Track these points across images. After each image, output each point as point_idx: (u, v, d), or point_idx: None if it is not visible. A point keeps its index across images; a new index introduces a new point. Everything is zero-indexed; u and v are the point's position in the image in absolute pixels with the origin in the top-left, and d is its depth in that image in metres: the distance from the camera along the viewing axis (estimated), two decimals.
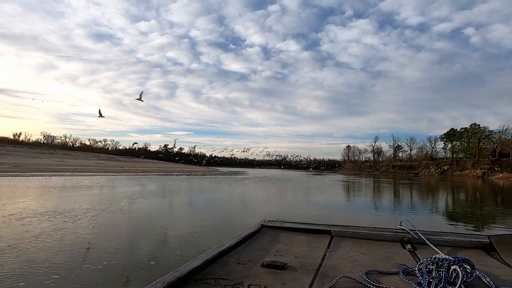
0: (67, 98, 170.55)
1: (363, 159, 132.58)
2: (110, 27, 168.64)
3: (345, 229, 2.07)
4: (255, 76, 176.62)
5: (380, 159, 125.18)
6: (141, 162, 66.07)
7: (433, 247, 1.63)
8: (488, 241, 1.75)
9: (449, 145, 78.29)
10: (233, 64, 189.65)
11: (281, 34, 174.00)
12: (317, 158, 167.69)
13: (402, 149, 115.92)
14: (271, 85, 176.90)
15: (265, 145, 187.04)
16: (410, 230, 1.91)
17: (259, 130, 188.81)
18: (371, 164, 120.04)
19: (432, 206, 15.62)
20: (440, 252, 1.50)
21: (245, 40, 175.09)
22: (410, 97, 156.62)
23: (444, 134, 77.56)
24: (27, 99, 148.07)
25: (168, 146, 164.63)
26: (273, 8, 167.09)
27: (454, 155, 77.36)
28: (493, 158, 61.91)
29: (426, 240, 1.73)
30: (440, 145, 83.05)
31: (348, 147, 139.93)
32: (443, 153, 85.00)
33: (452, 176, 67.54)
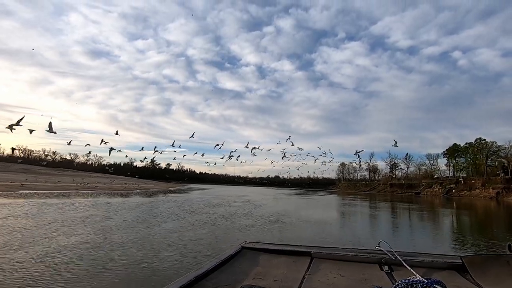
0: (61, 113, 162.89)
1: (358, 177, 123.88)
2: (107, 45, 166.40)
3: (325, 250, 2.04)
4: (250, 94, 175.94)
5: (376, 177, 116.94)
6: (70, 176, 54.77)
7: (409, 268, 1.64)
8: (460, 261, 1.75)
9: (453, 162, 69.81)
10: (228, 82, 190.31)
11: (276, 54, 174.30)
12: (312, 177, 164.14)
13: (399, 167, 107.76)
14: (266, 103, 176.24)
15: (260, 162, 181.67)
16: (388, 251, 1.89)
17: None
18: (367, 182, 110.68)
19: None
20: (415, 274, 1.52)
21: (241, 59, 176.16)
22: (402, 117, 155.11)
23: (446, 150, 69.42)
24: (20, 114, 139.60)
25: (155, 162, 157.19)
26: (268, 29, 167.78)
27: (459, 173, 68.81)
28: (507, 177, 53.17)
29: (402, 262, 1.73)
30: (443, 161, 74.67)
31: (343, 164, 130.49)
32: (445, 171, 76.38)
33: (459, 197, 58.32)
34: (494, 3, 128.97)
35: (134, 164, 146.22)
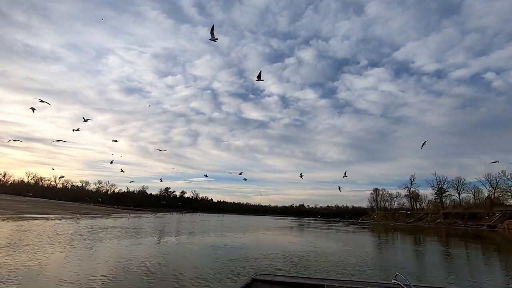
0: (97, 146, 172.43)
1: (396, 206, 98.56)
2: (140, 82, 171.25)
3: (338, 284, 1.90)
4: (274, 123, 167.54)
5: (419, 205, 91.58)
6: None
7: None
8: None
9: None
10: (252, 113, 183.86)
11: (298, 83, 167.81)
12: (340, 206, 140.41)
13: (447, 193, 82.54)
14: (290, 132, 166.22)
15: (286, 192, 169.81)
16: (405, 285, 1.74)
17: (279, 176, 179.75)
18: (408, 211, 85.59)
19: None
20: None
21: (264, 90, 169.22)
22: (435, 142, 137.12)
23: None
24: (61, 147, 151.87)
25: (169, 190, 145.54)
26: (289, 61, 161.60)
27: None
28: None
29: None
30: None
31: (376, 190, 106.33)
32: None
33: None
34: None
35: (149, 192, 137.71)
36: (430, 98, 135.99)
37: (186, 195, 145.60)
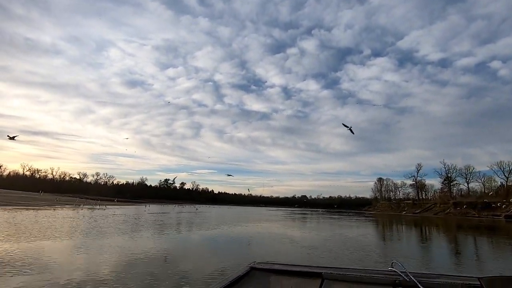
0: (101, 139, 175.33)
1: (401, 196, 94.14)
2: (142, 75, 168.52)
3: (336, 271, 1.91)
4: (276, 115, 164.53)
5: (424, 195, 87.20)
6: None
7: None
8: (478, 283, 1.64)
9: None
10: (255, 104, 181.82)
11: (300, 74, 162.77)
12: (343, 196, 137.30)
13: (455, 182, 77.79)
14: (292, 123, 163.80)
15: (289, 183, 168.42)
16: (401, 272, 1.76)
17: (282, 168, 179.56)
18: (415, 201, 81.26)
19: None
20: None
21: (266, 81, 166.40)
22: (440, 133, 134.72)
23: None
24: (65, 141, 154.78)
25: (169, 181, 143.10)
26: (292, 51, 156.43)
27: None
28: None
29: (417, 283, 1.63)
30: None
31: (380, 179, 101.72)
32: None
33: None
34: None
35: (148, 184, 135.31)
36: (434, 88, 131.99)
37: (186, 187, 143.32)
